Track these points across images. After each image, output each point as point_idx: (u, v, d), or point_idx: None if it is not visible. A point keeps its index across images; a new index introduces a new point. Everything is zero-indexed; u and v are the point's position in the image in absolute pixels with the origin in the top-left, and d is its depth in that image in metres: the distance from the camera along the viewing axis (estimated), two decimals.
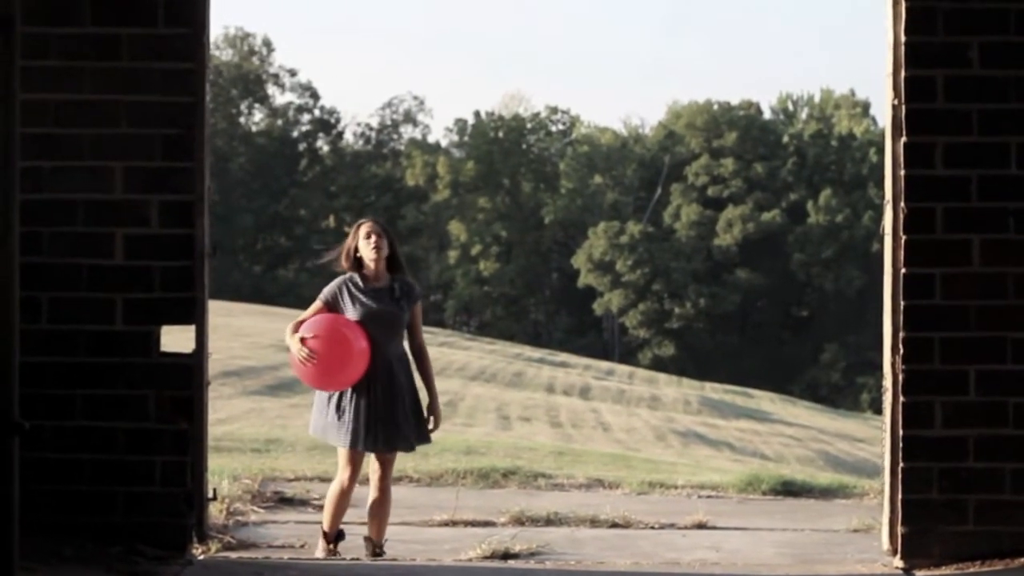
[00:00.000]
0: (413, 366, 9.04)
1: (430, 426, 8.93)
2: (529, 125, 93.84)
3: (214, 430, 12.68)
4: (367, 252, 8.89)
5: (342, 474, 8.83)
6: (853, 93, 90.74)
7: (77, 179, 8.22)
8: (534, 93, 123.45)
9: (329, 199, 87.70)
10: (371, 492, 8.91)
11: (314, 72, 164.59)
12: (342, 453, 8.82)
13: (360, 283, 8.89)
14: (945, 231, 8.34)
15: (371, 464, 8.91)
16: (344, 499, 8.86)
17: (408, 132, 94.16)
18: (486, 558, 8.75)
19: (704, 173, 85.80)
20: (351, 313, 8.82)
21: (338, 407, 8.78)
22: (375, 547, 8.85)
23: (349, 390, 8.74)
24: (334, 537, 8.87)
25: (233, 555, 8.63)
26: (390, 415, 8.74)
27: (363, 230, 8.96)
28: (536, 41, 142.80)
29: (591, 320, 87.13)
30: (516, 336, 77.86)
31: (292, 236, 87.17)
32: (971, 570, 8.26)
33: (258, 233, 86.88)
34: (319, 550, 8.86)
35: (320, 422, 8.89)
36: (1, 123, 6.24)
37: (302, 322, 8.86)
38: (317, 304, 8.95)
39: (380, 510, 8.88)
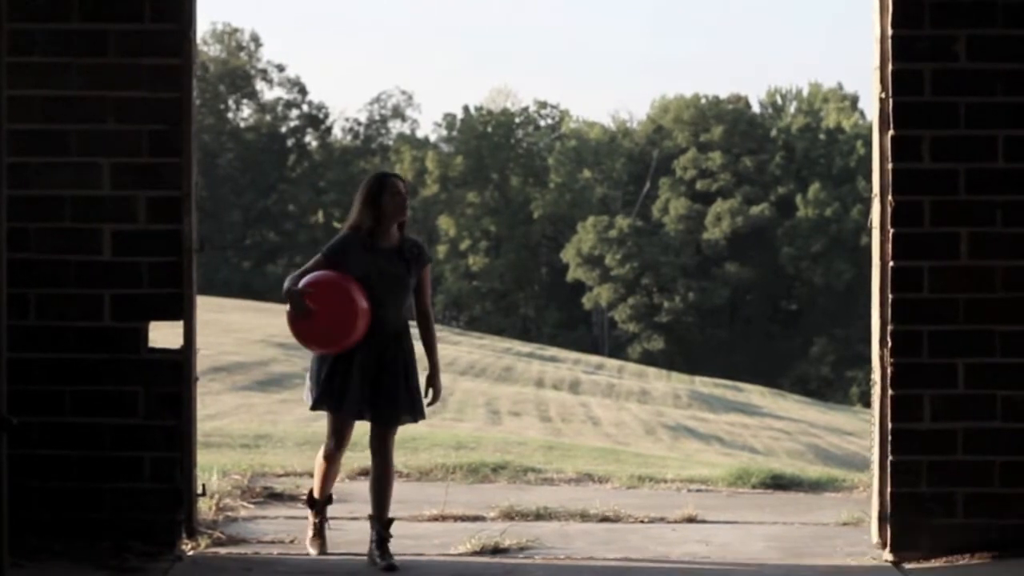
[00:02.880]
0: (416, 334, 8.44)
1: (428, 399, 8.36)
2: (518, 120, 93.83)
3: (203, 426, 12.67)
4: (394, 208, 8.25)
5: (327, 441, 8.43)
6: (841, 87, 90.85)
7: (64, 175, 8.21)
8: (522, 88, 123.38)
9: (318, 194, 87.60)
10: (372, 466, 8.45)
11: (302, 67, 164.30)
12: (329, 419, 8.39)
13: (369, 240, 8.26)
14: (933, 224, 8.35)
15: (370, 437, 8.40)
16: (330, 465, 8.49)
17: (396, 127, 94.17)
18: (475, 553, 8.74)
19: (692, 167, 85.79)
20: (355, 271, 8.20)
21: (330, 370, 8.24)
22: (380, 526, 8.34)
23: (343, 353, 8.21)
24: (317, 503, 8.56)
25: (222, 551, 8.62)
26: (385, 385, 8.23)
27: (390, 185, 8.27)
28: (524, 35, 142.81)
29: (580, 314, 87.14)
30: (505, 331, 77.86)
31: (281, 232, 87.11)
32: (960, 563, 8.27)
33: (247, 229, 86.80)
34: (308, 531, 8.62)
35: (310, 387, 8.38)
36: None
37: (301, 276, 8.23)
38: (318, 258, 8.30)
39: (380, 484, 8.37)
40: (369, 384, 8.24)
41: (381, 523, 8.36)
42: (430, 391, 8.39)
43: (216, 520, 9.44)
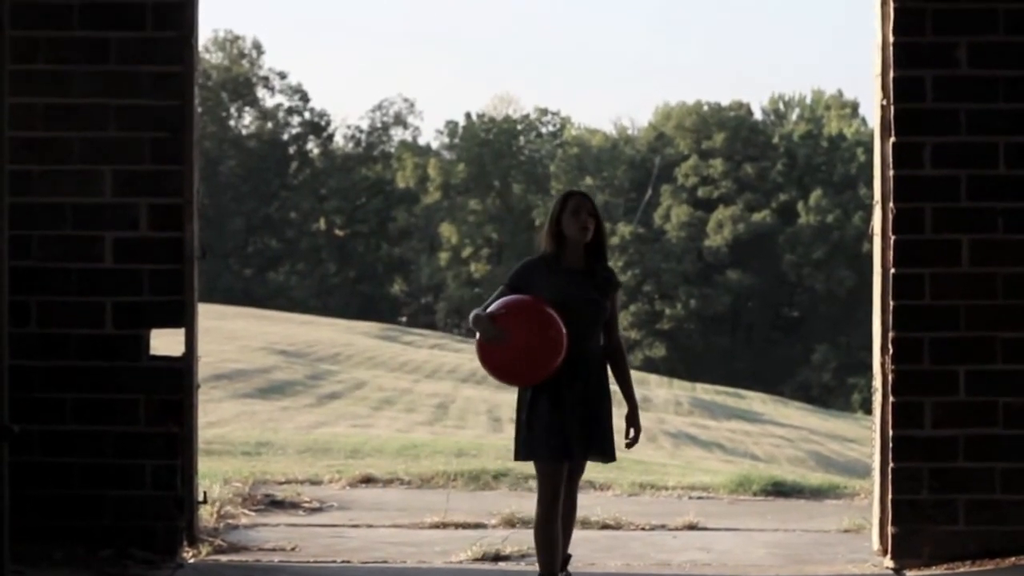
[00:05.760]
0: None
1: (628, 438, 7.56)
2: (519, 127, 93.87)
3: (204, 433, 12.66)
4: (572, 229, 7.40)
5: (540, 495, 7.44)
6: (842, 94, 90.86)
7: (66, 183, 8.22)
8: (524, 95, 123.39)
9: (319, 202, 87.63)
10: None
11: (304, 75, 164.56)
12: (537, 469, 7.48)
13: (556, 263, 7.43)
14: (934, 231, 8.35)
15: None
16: (550, 529, 7.42)
17: (398, 134, 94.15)
18: (477, 560, 8.75)
19: (694, 174, 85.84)
20: (546, 295, 7.31)
21: (530, 415, 7.46)
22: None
23: (531, 392, 7.40)
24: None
25: (224, 558, 8.62)
26: (583, 420, 7.39)
27: (571, 203, 7.47)
28: (525, 42, 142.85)
29: None
30: None
31: (283, 239, 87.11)
32: (961, 570, 8.26)
33: (248, 236, 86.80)
34: None
35: (520, 437, 7.57)
36: None
37: (487, 307, 7.39)
38: (502, 289, 7.46)
39: (565, 522, 7.59)
40: (563, 421, 7.39)
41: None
42: (631, 431, 7.58)
43: (217, 527, 9.44)
